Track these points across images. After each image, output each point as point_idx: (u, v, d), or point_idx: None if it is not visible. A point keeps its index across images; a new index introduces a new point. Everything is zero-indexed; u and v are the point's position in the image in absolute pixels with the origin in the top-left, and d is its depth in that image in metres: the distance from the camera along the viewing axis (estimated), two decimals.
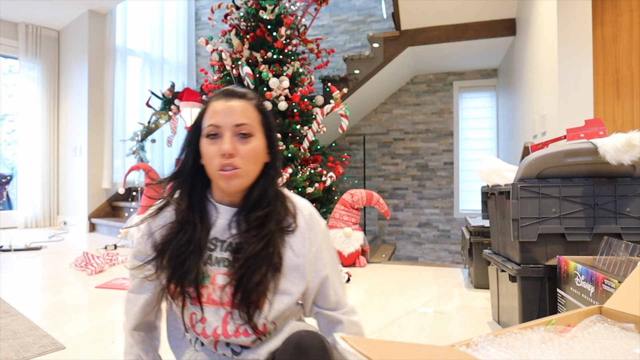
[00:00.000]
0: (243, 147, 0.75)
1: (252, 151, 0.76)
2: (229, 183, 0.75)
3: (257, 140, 0.77)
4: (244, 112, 0.77)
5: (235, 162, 0.74)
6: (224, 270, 0.76)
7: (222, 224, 0.79)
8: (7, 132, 5.38)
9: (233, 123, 0.75)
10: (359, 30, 5.20)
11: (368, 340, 0.40)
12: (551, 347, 0.52)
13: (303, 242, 0.79)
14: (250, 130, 0.76)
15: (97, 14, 4.84)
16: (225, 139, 0.74)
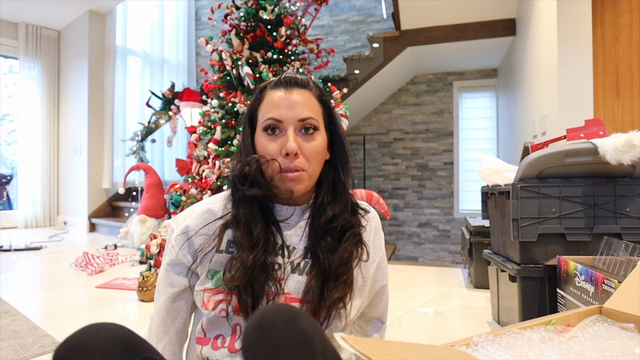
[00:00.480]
0: (307, 146, 0.67)
1: (317, 149, 0.67)
2: (292, 187, 0.66)
3: (321, 136, 0.69)
4: (307, 105, 0.67)
5: (301, 163, 0.66)
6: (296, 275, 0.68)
7: (290, 226, 0.71)
8: (7, 132, 5.38)
9: (297, 117, 0.66)
10: (359, 30, 5.20)
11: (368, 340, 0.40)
12: (551, 347, 0.52)
13: (369, 250, 0.73)
14: (314, 124, 0.67)
15: (97, 14, 4.84)
16: (290, 136, 0.65)
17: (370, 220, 0.76)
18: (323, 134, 0.69)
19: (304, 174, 0.66)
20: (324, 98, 0.72)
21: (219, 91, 3.23)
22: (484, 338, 0.50)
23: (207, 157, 3.11)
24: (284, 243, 0.69)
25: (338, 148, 0.73)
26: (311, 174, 0.68)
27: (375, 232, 0.76)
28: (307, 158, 0.67)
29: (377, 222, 0.78)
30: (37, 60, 4.93)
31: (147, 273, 2.07)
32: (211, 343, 0.66)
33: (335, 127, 0.72)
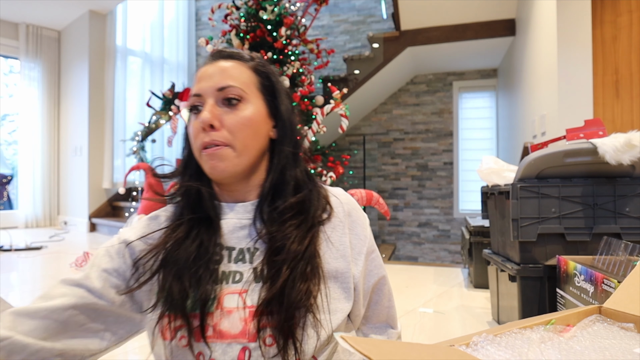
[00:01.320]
0: (229, 116, 0.58)
1: (243, 121, 0.58)
2: (213, 167, 0.57)
3: (251, 107, 0.59)
4: (229, 73, 0.59)
5: (221, 136, 0.57)
6: (235, 288, 0.56)
7: (230, 227, 0.60)
8: (7, 132, 5.38)
9: (215, 87, 0.58)
10: (359, 31, 5.20)
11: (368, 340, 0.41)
12: (551, 347, 0.52)
13: (342, 239, 0.61)
14: (238, 93, 0.58)
15: (98, 14, 4.84)
16: (206, 108, 0.58)
17: (340, 206, 0.64)
18: (257, 106, 0.60)
19: (226, 149, 0.57)
20: (262, 68, 0.63)
21: None
22: (483, 338, 0.51)
23: None
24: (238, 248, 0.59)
25: (281, 125, 0.62)
26: (240, 149, 0.58)
27: (352, 220, 0.64)
28: (231, 130, 0.57)
29: (351, 207, 0.66)
30: (37, 60, 4.93)
31: None
32: None
33: (277, 100, 0.63)
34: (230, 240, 0.60)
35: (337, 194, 0.67)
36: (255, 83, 0.61)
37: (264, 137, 0.62)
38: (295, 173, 0.62)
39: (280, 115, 0.63)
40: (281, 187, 0.60)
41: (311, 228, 0.58)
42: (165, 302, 0.54)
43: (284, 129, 0.63)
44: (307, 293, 0.53)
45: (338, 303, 0.57)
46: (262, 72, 0.63)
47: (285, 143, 0.62)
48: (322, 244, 0.60)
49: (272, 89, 0.63)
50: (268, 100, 0.62)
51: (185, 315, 0.53)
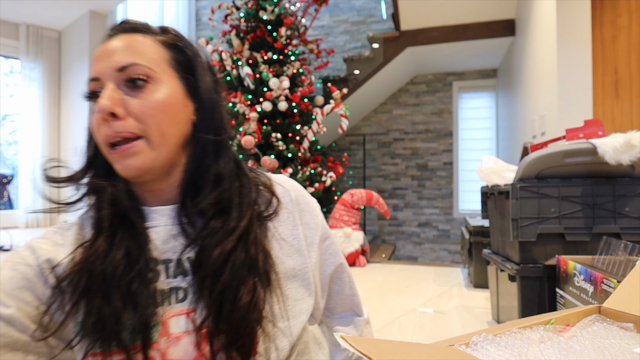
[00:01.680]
0: (136, 102, 0.47)
1: (154, 105, 0.47)
2: (126, 167, 0.47)
3: (163, 86, 0.49)
4: (132, 49, 0.48)
5: (125, 127, 0.46)
6: (181, 308, 0.47)
7: (161, 236, 0.50)
8: (8, 132, 5.39)
9: (114, 67, 0.47)
10: (359, 31, 5.20)
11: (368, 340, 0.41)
12: (550, 347, 0.53)
13: (295, 232, 0.54)
14: (144, 72, 0.47)
15: (98, 14, 4.84)
16: (103, 93, 0.46)
17: (287, 195, 0.56)
18: (170, 86, 0.49)
19: (139, 142, 0.47)
20: (176, 42, 0.52)
21: None
22: (483, 337, 0.51)
23: None
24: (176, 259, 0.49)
25: (201, 107, 0.52)
26: (155, 140, 0.47)
27: (300, 206, 0.56)
28: (140, 118, 0.47)
29: (298, 194, 0.57)
30: (38, 60, 4.93)
31: None
32: None
33: (196, 77, 0.52)
34: (164, 252, 0.49)
35: (282, 182, 0.58)
36: (166, 59, 0.51)
37: (184, 123, 0.51)
38: (216, 165, 0.51)
39: (200, 95, 0.52)
40: (200, 182, 0.50)
41: (240, 226, 0.48)
42: (94, 332, 0.43)
43: (204, 111, 0.52)
44: (251, 305, 0.45)
45: (301, 304, 0.52)
46: (175, 46, 0.52)
47: (205, 128, 0.51)
48: (272, 242, 0.52)
49: (189, 64, 0.52)
50: (184, 78, 0.52)
51: (124, 347, 0.43)
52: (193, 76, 0.52)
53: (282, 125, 3.06)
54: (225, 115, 0.54)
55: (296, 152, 3.01)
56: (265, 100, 2.98)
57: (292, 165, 3.01)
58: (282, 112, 3.08)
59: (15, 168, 5.17)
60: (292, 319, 0.50)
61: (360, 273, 2.73)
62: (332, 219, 3.07)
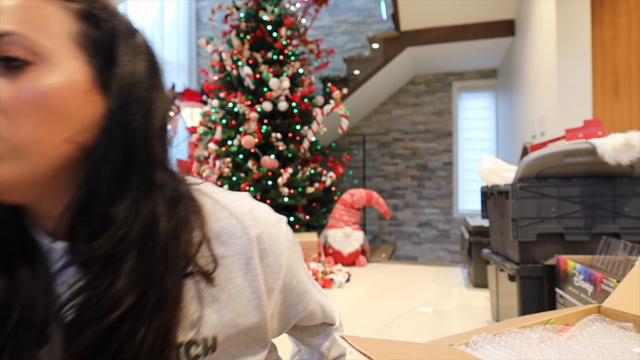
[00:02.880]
0: (7, 90, 0.32)
1: (31, 97, 0.33)
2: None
3: (52, 73, 0.34)
4: (20, 11, 0.33)
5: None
6: None
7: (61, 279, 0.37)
8: None
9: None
10: (359, 31, 5.20)
11: (367, 340, 0.41)
12: (550, 346, 0.53)
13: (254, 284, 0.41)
14: (27, 48, 0.33)
15: None
16: None
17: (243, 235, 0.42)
18: (68, 67, 0.35)
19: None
20: (93, 11, 0.37)
21: (219, 91, 3.24)
22: (483, 337, 0.51)
23: (208, 157, 3.12)
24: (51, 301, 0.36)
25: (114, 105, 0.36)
26: (20, 147, 0.33)
27: (263, 248, 0.43)
28: (6, 113, 0.32)
29: (261, 230, 0.43)
30: None
31: None
32: None
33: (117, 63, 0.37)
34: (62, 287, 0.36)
35: (241, 214, 0.43)
36: (71, 32, 0.35)
37: (79, 126, 0.35)
38: (120, 203, 0.35)
39: (117, 88, 0.36)
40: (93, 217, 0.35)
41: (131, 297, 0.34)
42: None
43: (119, 114, 0.36)
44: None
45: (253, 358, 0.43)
46: (92, 16, 0.37)
47: (108, 142, 0.36)
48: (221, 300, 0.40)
49: (107, 42, 0.37)
50: (96, 63, 0.36)
51: None
52: (110, 60, 0.37)
53: (282, 125, 3.07)
54: (155, 124, 0.38)
55: (296, 152, 3.01)
56: (265, 100, 2.99)
57: (292, 165, 3.02)
58: (282, 112, 3.08)
59: None
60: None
61: (360, 273, 2.74)
62: (332, 219, 3.08)
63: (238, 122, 3.02)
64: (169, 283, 0.36)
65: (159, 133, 0.39)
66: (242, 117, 2.99)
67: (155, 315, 0.34)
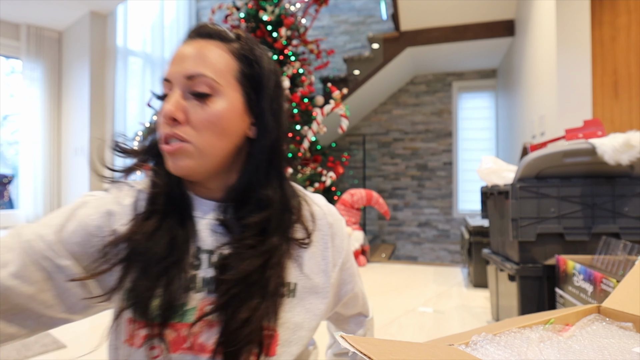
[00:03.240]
0: (197, 111, 0.50)
1: (210, 118, 0.50)
2: (174, 163, 0.50)
3: (222, 102, 0.50)
4: (202, 58, 0.50)
5: (182, 132, 0.49)
6: (212, 298, 0.50)
7: (206, 227, 0.53)
8: (8, 133, 5.39)
9: (183, 74, 0.50)
10: (359, 31, 5.21)
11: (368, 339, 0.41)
12: (550, 346, 0.53)
13: (325, 253, 0.58)
14: (209, 85, 0.50)
15: (98, 14, 4.85)
16: (171, 97, 0.50)
17: (324, 218, 0.60)
18: (231, 101, 0.51)
19: (187, 146, 0.50)
20: (247, 53, 0.53)
21: None
22: (482, 337, 0.51)
23: None
24: (203, 250, 0.52)
25: (260, 125, 0.53)
26: (202, 150, 0.50)
27: (333, 230, 0.60)
28: (196, 127, 0.50)
29: (334, 218, 0.61)
30: (38, 60, 4.94)
31: None
32: None
33: (260, 94, 0.53)
34: (207, 242, 0.52)
35: (320, 204, 0.61)
36: (233, 71, 0.52)
37: (236, 137, 0.53)
38: (266, 187, 0.53)
39: (261, 112, 0.53)
40: (247, 196, 0.53)
41: (270, 250, 0.51)
42: (129, 298, 0.48)
43: (260, 131, 0.53)
44: (247, 321, 0.48)
45: (318, 319, 0.56)
46: (246, 58, 0.53)
47: (258, 148, 0.53)
48: (304, 259, 0.56)
49: (256, 79, 0.53)
50: (247, 93, 0.53)
51: (159, 325, 0.47)
52: (256, 93, 0.53)
53: None
54: (283, 138, 0.56)
55: (296, 152, 3.01)
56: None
57: (292, 165, 3.02)
58: None
59: (15, 168, 5.17)
60: (308, 330, 0.55)
61: (360, 273, 2.74)
62: None
63: None
64: (290, 241, 0.54)
65: (285, 135, 0.57)
66: None
67: (280, 262, 0.52)
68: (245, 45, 0.54)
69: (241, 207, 0.53)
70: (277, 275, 0.52)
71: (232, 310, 0.48)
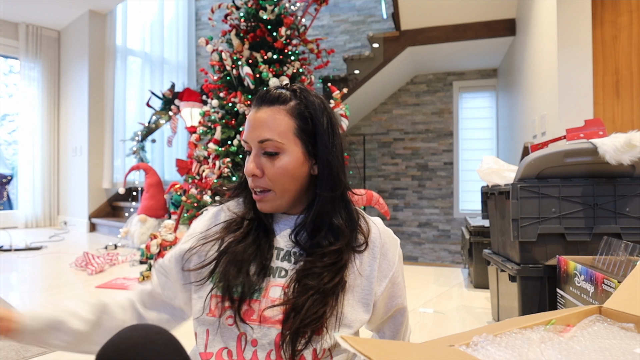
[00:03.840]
0: (270, 167, 0.66)
1: (280, 170, 0.66)
2: (260, 206, 0.69)
3: (288, 156, 0.66)
4: (269, 125, 0.66)
5: (262, 183, 0.67)
6: (281, 281, 0.66)
7: (280, 231, 0.72)
8: (7, 132, 5.38)
9: (256, 140, 0.66)
10: (359, 31, 5.20)
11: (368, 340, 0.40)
12: (551, 347, 0.52)
13: (373, 263, 0.70)
14: (275, 146, 0.66)
15: (97, 14, 4.84)
16: (250, 158, 0.68)
17: (378, 237, 0.72)
18: (293, 154, 0.67)
19: (269, 194, 0.68)
20: (303, 110, 0.68)
21: (219, 91, 3.23)
22: (483, 338, 0.51)
23: (207, 157, 3.11)
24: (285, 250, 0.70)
25: (320, 166, 0.69)
26: (280, 193, 0.68)
27: (383, 244, 0.72)
28: (271, 179, 0.67)
29: (387, 237, 0.73)
30: (37, 60, 4.93)
31: (147, 273, 2.08)
32: (214, 358, 0.64)
33: (316, 142, 0.68)
34: (279, 242, 0.71)
35: (378, 225, 0.75)
36: (293, 129, 0.67)
37: (304, 177, 0.69)
38: (334, 215, 0.69)
39: (319, 156, 0.68)
40: (319, 225, 0.69)
41: (342, 267, 0.66)
42: (220, 280, 0.65)
43: (321, 169, 0.69)
44: (313, 309, 0.62)
45: (357, 315, 0.67)
46: (302, 115, 0.68)
47: (322, 187, 0.68)
48: (354, 267, 0.69)
49: (312, 131, 0.68)
50: (306, 144, 0.68)
51: (234, 299, 0.64)
52: (313, 142, 0.68)
53: None
54: (342, 171, 0.70)
55: None
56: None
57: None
58: None
59: (14, 168, 5.17)
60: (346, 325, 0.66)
61: None
62: None
63: (238, 121, 3.01)
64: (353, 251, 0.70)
65: (342, 165, 0.71)
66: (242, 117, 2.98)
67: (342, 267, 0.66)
68: (300, 103, 0.68)
69: (316, 234, 0.68)
70: (341, 278, 0.65)
71: (294, 295, 0.63)
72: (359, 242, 0.70)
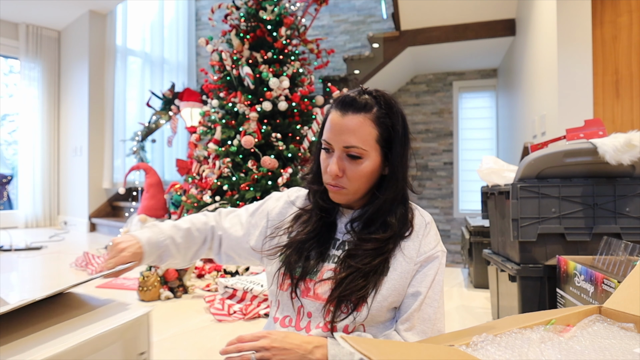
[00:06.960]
0: (351, 169, 0.74)
1: (360, 173, 0.74)
2: (334, 197, 0.77)
3: (368, 161, 0.74)
4: (355, 132, 0.72)
5: (341, 182, 0.74)
6: (333, 266, 0.76)
7: (340, 224, 0.81)
8: (7, 132, 5.39)
9: (342, 144, 0.72)
10: (359, 31, 5.20)
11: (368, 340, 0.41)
12: (551, 347, 0.52)
13: (414, 244, 0.77)
14: (359, 152, 0.72)
15: (98, 14, 4.84)
16: (333, 159, 0.73)
17: (423, 224, 0.81)
18: (373, 160, 0.74)
19: (344, 190, 0.75)
20: (384, 119, 0.74)
21: (219, 91, 3.23)
22: (483, 338, 0.51)
23: (207, 157, 3.12)
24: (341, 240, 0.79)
25: (392, 170, 0.78)
26: (354, 191, 0.76)
27: (426, 232, 0.79)
28: (350, 179, 0.74)
29: (431, 226, 0.82)
30: (37, 60, 4.93)
31: (147, 273, 2.08)
32: (279, 322, 0.78)
33: (392, 150, 0.76)
34: (338, 234, 0.81)
35: (423, 215, 0.83)
36: (375, 137, 0.74)
37: (376, 178, 0.78)
38: (391, 212, 0.78)
39: (391, 160, 0.77)
40: (374, 220, 0.77)
41: (384, 253, 0.74)
42: (284, 263, 0.78)
43: (392, 174, 0.78)
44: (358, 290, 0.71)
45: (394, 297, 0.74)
46: (384, 125, 0.75)
47: (388, 188, 0.77)
48: (398, 252, 0.76)
49: (390, 140, 0.76)
50: (384, 150, 0.76)
51: (295, 277, 0.76)
52: (390, 147, 0.76)
53: (282, 125, 3.06)
54: (406, 175, 0.82)
55: (296, 152, 3.01)
56: (265, 100, 2.98)
57: (292, 165, 3.01)
58: (282, 112, 3.08)
59: (14, 168, 5.17)
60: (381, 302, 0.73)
61: None
62: None
63: (238, 122, 3.01)
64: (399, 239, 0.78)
65: (407, 169, 0.82)
66: (242, 117, 2.98)
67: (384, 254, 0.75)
68: (383, 110, 0.74)
69: (369, 226, 0.77)
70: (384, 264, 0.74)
71: (343, 276, 0.72)
72: (406, 229, 0.78)
